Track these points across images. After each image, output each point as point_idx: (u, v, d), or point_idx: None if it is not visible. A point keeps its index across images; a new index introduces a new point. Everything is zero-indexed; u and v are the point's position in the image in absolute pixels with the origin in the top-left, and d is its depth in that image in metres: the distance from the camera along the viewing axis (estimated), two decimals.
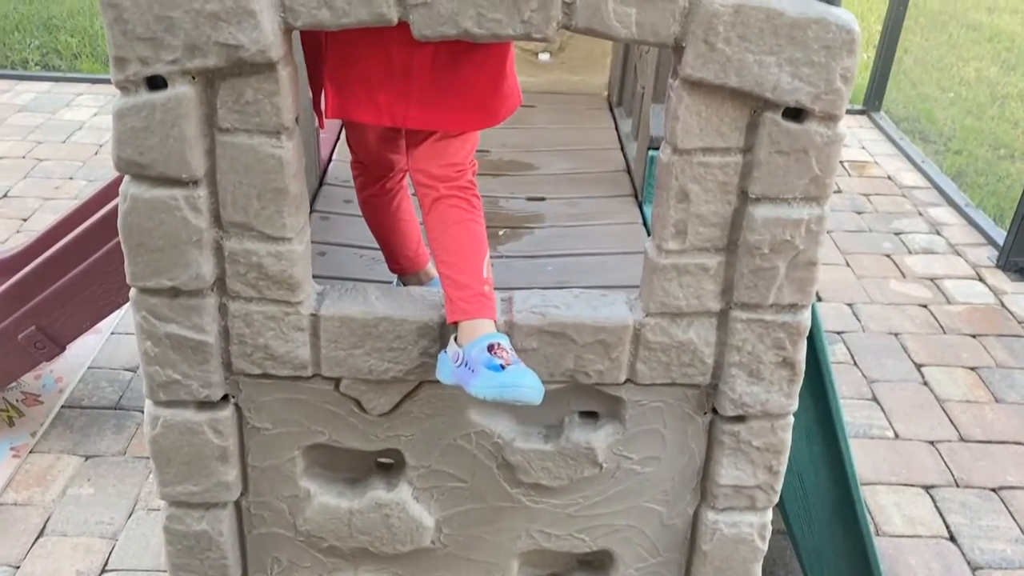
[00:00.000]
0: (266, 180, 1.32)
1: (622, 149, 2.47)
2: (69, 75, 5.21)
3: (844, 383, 2.75)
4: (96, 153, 4.15)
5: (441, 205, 1.45)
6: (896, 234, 3.72)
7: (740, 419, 1.52)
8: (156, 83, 1.24)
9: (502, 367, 1.28)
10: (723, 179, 1.33)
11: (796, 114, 1.26)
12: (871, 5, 6.80)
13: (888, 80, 4.95)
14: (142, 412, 1.62)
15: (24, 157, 4.09)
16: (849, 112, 4.66)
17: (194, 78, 1.24)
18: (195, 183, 1.30)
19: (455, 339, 1.38)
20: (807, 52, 1.20)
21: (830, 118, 1.26)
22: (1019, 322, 3.13)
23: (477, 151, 1.55)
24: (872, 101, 4.97)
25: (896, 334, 3.04)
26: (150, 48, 1.21)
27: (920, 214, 3.90)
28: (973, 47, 6.15)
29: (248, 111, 1.27)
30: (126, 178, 1.32)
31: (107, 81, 4.77)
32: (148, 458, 1.62)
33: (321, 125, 1.53)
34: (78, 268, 2.24)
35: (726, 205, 1.35)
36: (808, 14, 1.19)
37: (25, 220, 3.53)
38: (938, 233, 3.75)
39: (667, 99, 1.34)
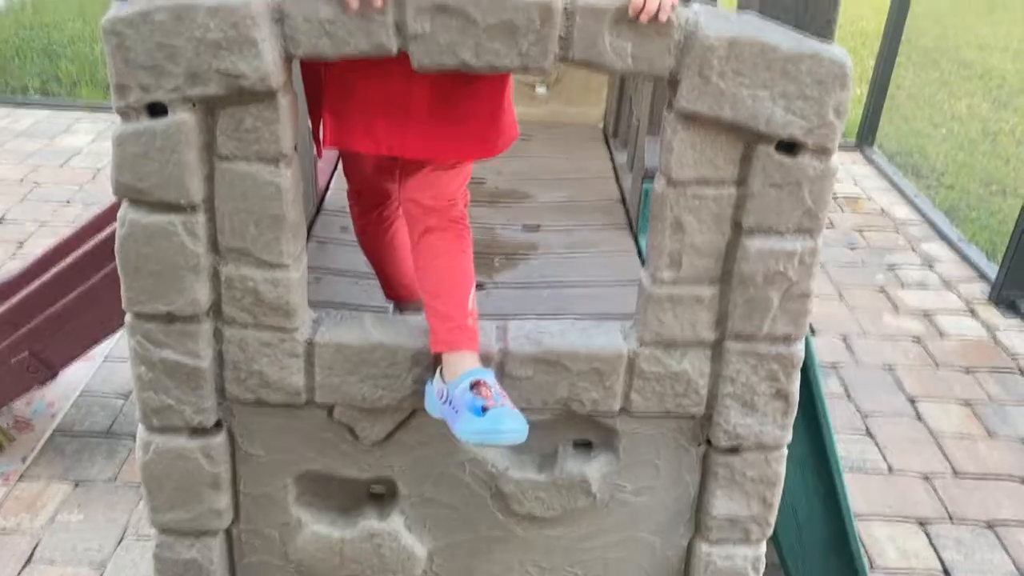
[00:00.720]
0: (264, 207, 1.32)
1: (617, 180, 2.49)
2: (68, 102, 5.23)
3: (838, 416, 2.75)
4: (93, 178, 4.16)
5: (430, 236, 1.46)
6: (889, 268, 3.73)
7: (734, 450, 1.52)
8: (156, 110, 1.25)
9: (484, 409, 1.28)
10: (717, 210, 1.34)
11: (789, 147, 1.28)
12: (865, 41, 6.89)
13: (881, 115, 5.00)
14: (134, 438, 1.62)
15: (22, 181, 4.10)
16: (842, 147, 4.71)
17: (194, 105, 1.25)
18: (193, 209, 1.31)
19: (440, 372, 1.39)
20: (800, 87, 1.22)
21: (823, 152, 1.27)
22: (1012, 356, 3.14)
23: (472, 180, 1.56)
24: (865, 136, 5.01)
25: (890, 367, 3.04)
26: (151, 75, 1.22)
27: (913, 248, 3.92)
28: (964, 84, 6.23)
29: (248, 138, 1.28)
30: (124, 203, 1.32)
31: (106, 108, 4.80)
32: (139, 485, 1.61)
33: (319, 154, 1.54)
34: (73, 293, 2.24)
35: (720, 236, 1.36)
36: (802, 49, 1.21)
37: (21, 244, 3.53)
38: (931, 267, 3.77)
39: (662, 131, 1.35)
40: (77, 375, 2.71)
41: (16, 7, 7.01)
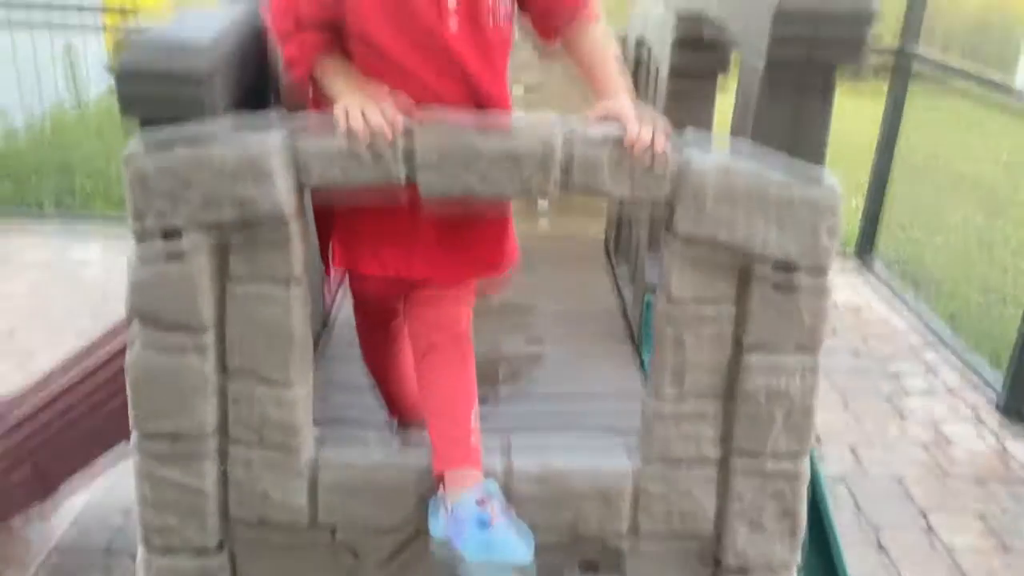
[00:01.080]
0: (273, 328, 1.35)
1: (619, 293, 2.53)
2: (81, 215, 5.36)
3: (847, 530, 2.70)
4: (103, 293, 4.22)
5: (433, 355, 1.48)
6: (894, 377, 3.73)
7: (743, 571, 1.50)
8: (171, 234, 1.30)
9: (489, 526, 1.28)
10: (717, 328, 1.37)
11: (785, 267, 1.31)
12: (858, 154, 7.08)
13: (878, 226, 5.10)
14: (132, 558, 1.60)
15: (31, 295, 4.16)
16: (842, 256, 4.78)
17: (208, 230, 1.30)
18: (204, 330, 1.34)
19: (443, 490, 1.39)
20: (793, 212, 1.27)
21: (818, 271, 1.31)
22: (1023, 467, 3.10)
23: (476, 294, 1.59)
24: (864, 246, 5.10)
25: (899, 478, 3.01)
26: (168, 202, 1.27)
27: (917, 357, 3.93)
28: (958, 194, 6.36)
29: (259, 262, 1.32)
30: (135, 324, 1.35)
31: (118, 221, 4.92)
32: None
33: (328, 273, 1.59)
34: (76, 411, 2.24)
35: (721, 354, 1.38)
36: (792, 176, 1.26)
37: (28, 358, 3.55)
38: (936, 376, 3.77)
39: (661, 251, 1.39)
40: (77, 492, 2.69)
41: (36, 128, 7.26)
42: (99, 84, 9.11)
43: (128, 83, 1.24)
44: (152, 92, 1.24)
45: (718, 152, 1.27)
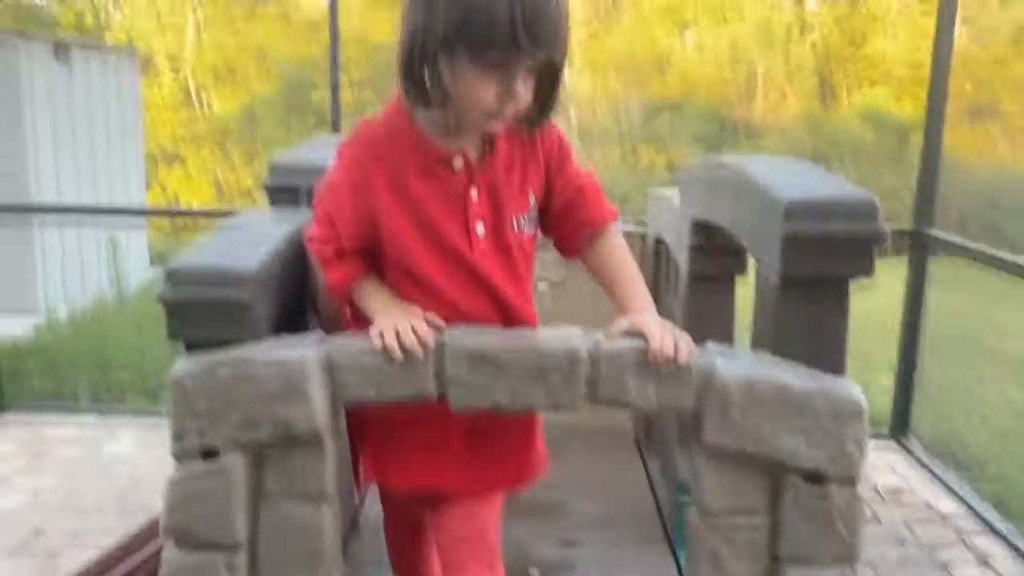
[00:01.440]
0: (304, 545, 1.35)
1: (652, 489, 2.49)
2: (115, 407, 5.45)
3: None
4: (132, 487, 4.22)
5: (461, 572, 1.46)
6: (943, 567, 3.56)
7: None
8: (210, 453, 1.33)
9: None
10: (752, 540, 1.35)
11: (815, 477, 1.31)
12: (885, 332, 7.10)
13: (912, 404, 5.03)
14: None
15: (61, 491, 4.16)
16: (877, 436, 4.69)
17: (245, 449, 1.33)
18: (237, 549, 1.34)
19: None
20: (818, 421, 1.28)
21: (848, 481, 1.30)
22: None
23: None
24: (899, 425, 5.01)
25: None
26: (208, 422, 1.31)
27: (965, 544, 3.77)
28: (991, 370, 6.31)
29: (293, 479, 1.34)
30: (169, 543, 1.36)
31: (150, 414, 4.98)
32: None
33: (358, 488, 1.60)
34: None
35: (757, 566, 1.35)
36: (814, 387, 1.28)
37: (52, 560, 3.51)
38: (987, 564, 3.59)
39: (690, 462, 1.40)
40: None
41: (77, 318, 7.54)
42: (140, 277, 9.51)
43: (177, 313, 1.32)
44: (199, 320, 1.32)
45: (741, 363, 1.31)
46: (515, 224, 1.42)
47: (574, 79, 21.49)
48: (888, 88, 21.88)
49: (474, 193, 1.38)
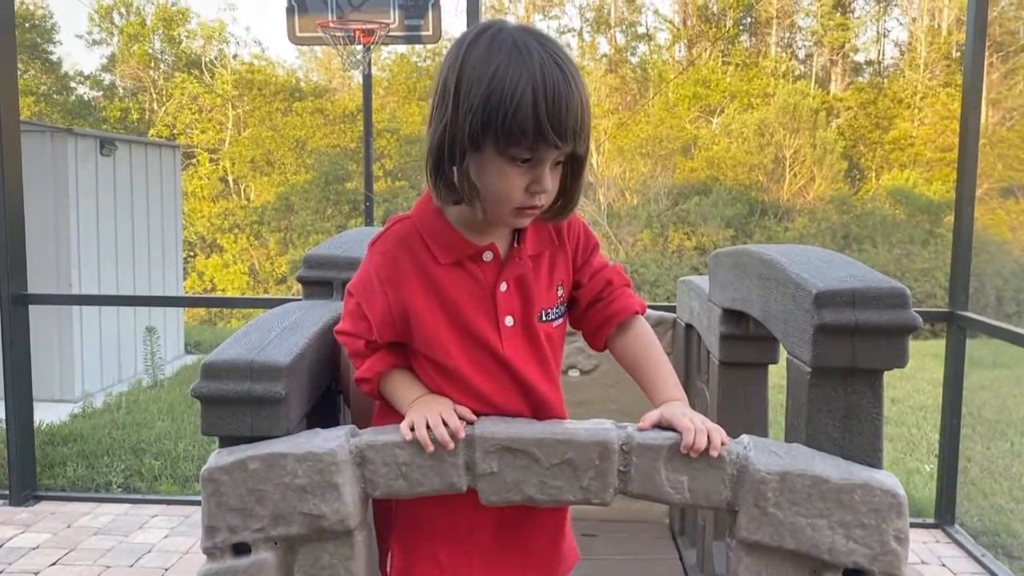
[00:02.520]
0: None
1: None
2: (148, 496, 5.44)
3: None
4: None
5: None
6: None
7: None
8: (241, 549, 1.33)
9: None
10: None
11: (858, 574, 1.27)
12: (926, 415, 6.95)
13: (956, 490, 4.88)
14: None
15: None
16: (922, 526, 4.54)
17: (276, 544, 1.33)
18: None
19: None
20: (857, 515, 1.25)
21: None
22: None
23: None
24: (944, 514, 4.84)
25: None
26: (240, 518, 1.31)
27: None
28: None
29: (323, 574, 1.33)
30: None
31: (181, 502, 4.98)
32: None
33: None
34: None
35: None
36: (852, 479, 1.26)
37: None
38: None
39: (727, 557, 1.37)
40: None
41: (112, 406, 7.62)
42: (175, 364, 9.63)
43: (211, 407, 1.33)
44: (233, 414, 1.33)
45: (776, 455, 1.29)
46: (544, 315, 1.45)
47: (603, 163, 21.84)
48: (917, 170, 21.94)
49: (503, 286, 1.41)
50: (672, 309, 2.81)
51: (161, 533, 4.77)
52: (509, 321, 1.41)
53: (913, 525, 4.45)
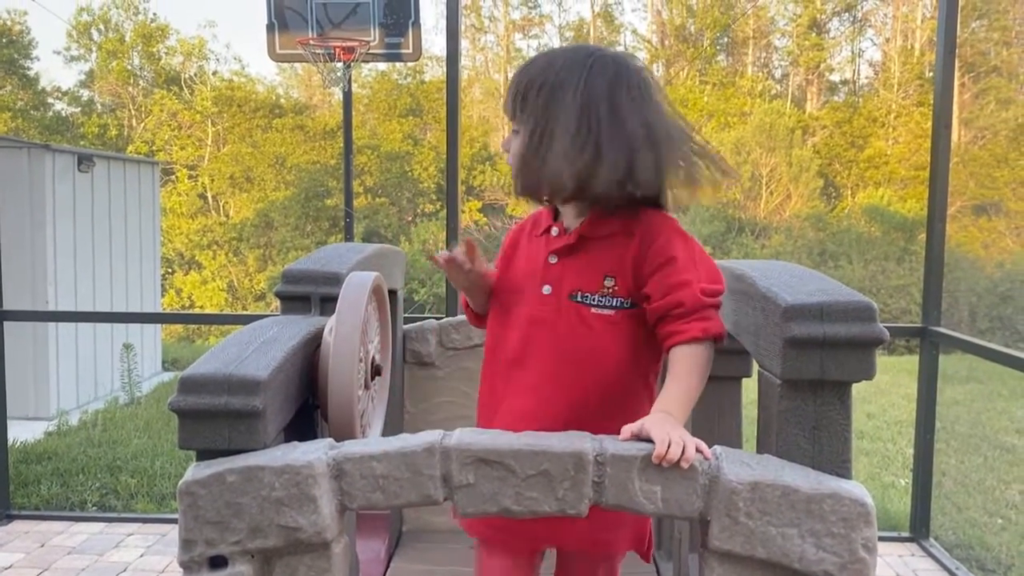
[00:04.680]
0: None
1: None
2: (123, 515, 5.38)
3: None
4: None
5: None
6: None
7: None
8: (217, 562, 1.33)
9: None
10: None
11: None
12: (900, 429, 7.01)
13: (931, 504, 4.93)
14: None
15: None
16: (897, 540, 4.58)
17: (253, 557, 1.33)
18: None
19: None
20: (826, 524, 1.28)
21: None
22: None
23: None
24: (919, 528, 4.89)
25: None
26: (217, 531, 1.32)
27: None
28: (1011, 469, 6.19)
29: None
30: None
31: (157, 520, 4.93)
32: None
33: None
34: None
35: None
36: (821, 489, 1.28)
37: None
38: None
39: (700, 568, 1.38)
40: None
41: (88, 423, 7.54)
42: (152, 381, 9.55)
43: (189, 422, 1.34)
44: (210, 428, 1.34)
45: (746, 466, 1.31)
46: (579, 296, 1.53)
47: None
48: (892, 188, 22.24)
49: (552, 258, 1.58)
50: None
51: (137, 552, 4.73)
52: (546, 290, 1.55)
53: (888, 539, 4.48)
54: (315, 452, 1.33)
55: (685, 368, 1.46)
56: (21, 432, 7.00)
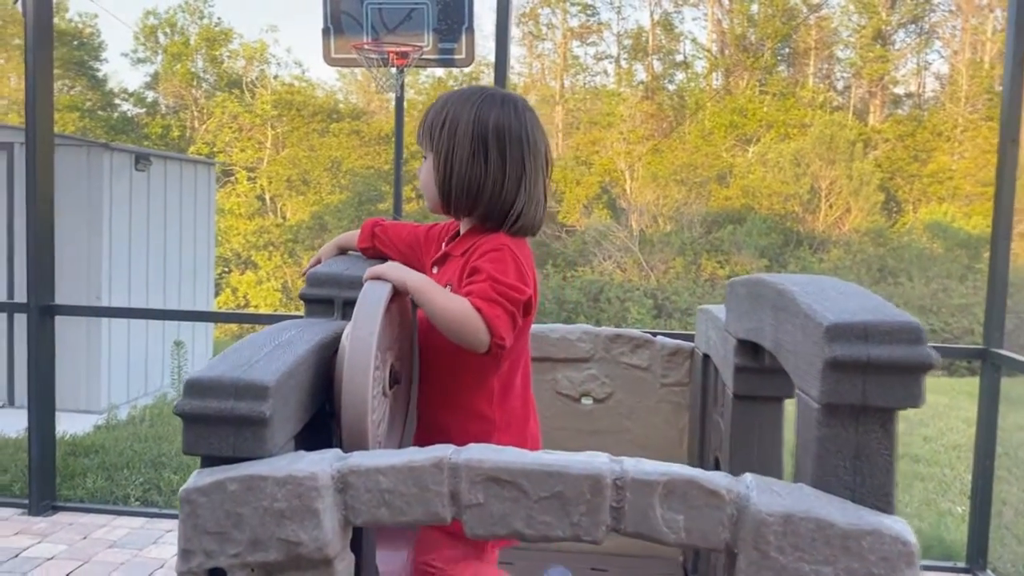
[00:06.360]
0: None
1: None
2: (165, 511, 5.43)
3: None
4: None
5: None
6: None
7: None
8: (216, 575, 1.28)
9: None
10: None
11: None
12: (959, 454, 6.74)
13: (989, 534, 4.70)
14: None
15: None
16: (953, 570, 4.38)
17: (252, 571, 1.28)
18: None
19: None
20: (865, 563, 1.17)
21: None
22: None
23: None
24: (975, 558, 4.67)
25: None
26: (216, 542, 1.27)
27: None
28: None
29: None
30: None
31: None
32: None
33: None
34: None
35: None
36: (860, 525, 1.18)
37: None
38: None
39: None
40: None
41: (136, 418, 7.66)
42: None
43: (193, 426, 1.29)
44: (215, 433, 1.29)
45: (778, 497, 1.21)
46: None
47: (636, 189, 21.75)
48: (956, 204, 21.58)
49: (434, 268, 1.78)
50: (692, 336, 2.73)
51: (174, 549, 4.73)
52: None
53: (944, 569, 4.30)
54: (320, 463, 1.27)
55: (443, 291, 1.59)
56: (71, 425, 7.14)
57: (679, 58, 25.99)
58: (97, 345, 8.24)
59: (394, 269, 1.58)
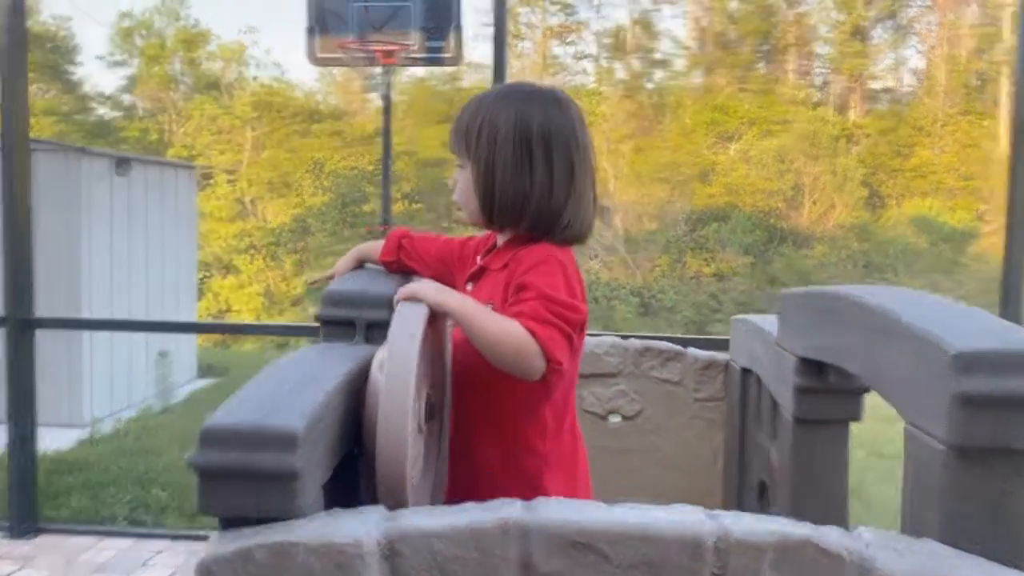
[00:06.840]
0: None
1: None
2: (153, 531, 5.22)
3: None
4: None
5: None
6: None
7: None
8: None
9: None
10: None
11: None
12: None
13: None
14: None
15: None
16: None
17: None
18: None
19: None
20: None
21: None
22: None
23: None
24: None
25: None
26: None
27: None
28: None
29: None
30: None
31: (188, 538, 4.74)
32: None
33: None
34: None
35: None
36: None
37: None
38: None
39: None
40: None
41: (120, 432, 7.42)
42: (187, 388, 9.43)
43: (211, 482, 1.10)
44: (237, 490, 1.10)
45: (903, 556, 1.04)
46: None
47: (619, 188, 21.65)
48: (939, 198, 21.64)
49: (469, 286, 1.61)
50: (724, 346, 2.56)
51: (163, 572, 4.53)
52: None
53: None
54: (363, 526, 1.08)
55: (488, 312, 1.40)
56: (53, 440, 6.88)
57: (658, 56, 25.89)
58: (78, 355, 7.98)
59: (430, 288, 1.38)
